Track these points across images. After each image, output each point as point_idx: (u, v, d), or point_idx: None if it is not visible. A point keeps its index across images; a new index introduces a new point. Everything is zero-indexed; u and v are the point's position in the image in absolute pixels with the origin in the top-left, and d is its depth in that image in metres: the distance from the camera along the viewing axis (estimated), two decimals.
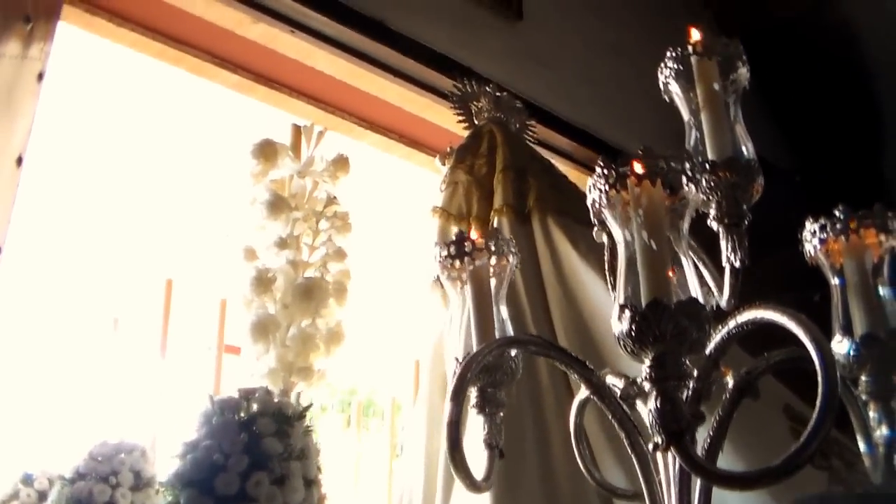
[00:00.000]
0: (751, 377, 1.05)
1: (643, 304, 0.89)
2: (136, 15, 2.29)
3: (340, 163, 1.94)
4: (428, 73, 2.80)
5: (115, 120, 3.36)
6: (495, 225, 2.08)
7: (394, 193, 3.60)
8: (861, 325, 1.12)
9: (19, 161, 1.54)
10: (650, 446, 0.93)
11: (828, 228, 1.18)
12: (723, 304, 1.07)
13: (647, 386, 0.89)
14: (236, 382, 1.69)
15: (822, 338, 0.84)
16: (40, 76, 1.57)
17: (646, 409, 0.91)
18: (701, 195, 1.00)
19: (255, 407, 1.42)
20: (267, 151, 1.88)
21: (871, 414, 1.08)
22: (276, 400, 1.46)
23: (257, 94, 2.67)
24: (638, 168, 0.94)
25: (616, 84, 3.52)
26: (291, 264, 1.79)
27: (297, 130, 1.99)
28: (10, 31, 1.33)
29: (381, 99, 2.86)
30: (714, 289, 1.11)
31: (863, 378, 1.09)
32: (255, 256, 1.82)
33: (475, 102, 2.43)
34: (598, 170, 0.97)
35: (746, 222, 1.10)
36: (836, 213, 1.18)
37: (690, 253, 0.98)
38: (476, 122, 2.43)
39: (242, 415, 1.40)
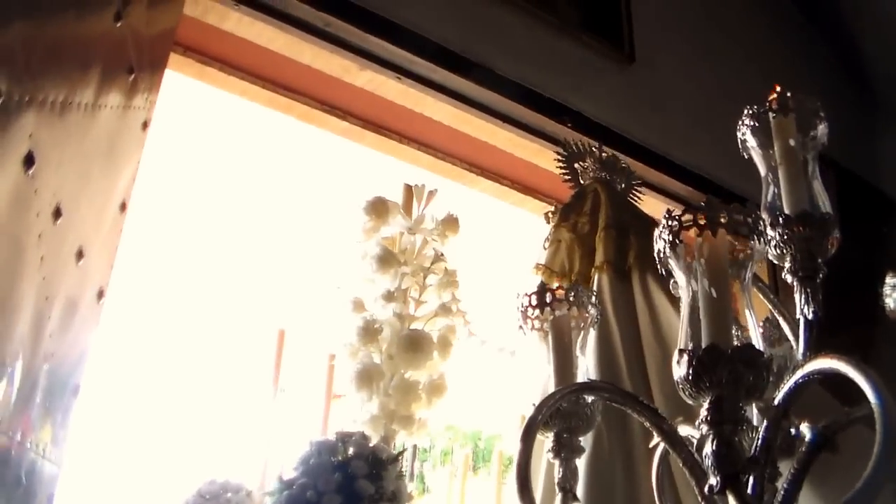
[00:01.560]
0: (828, 431, 1.05)
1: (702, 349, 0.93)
2: (246, 64, 2.38)
3: (450, 222, 2.01)
4: (538, 118, 2.78)
5: (229, 167, 3.48)
6: (596, 281, 2.10)
7: (509, 241, 3.56)
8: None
9: (123, 207, 1.58)
10: (706, 488, 0.95)
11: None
12: (798, 355, 1.09)
13: (704, 429, 0.93)
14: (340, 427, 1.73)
15: (885, 390, 0.86)
16: (145, 125, 1.62)
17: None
18: (766, 247, 1.04)
19: (350, 450, 1.49)
20: (379, 208, 1.96)
21: None
22: (371, 444, 1.52)
23: (366, 140, 2.71)
24: (700, 219, 1.00)
25: (730, 127, 3.38)
26: (398, 317, 1.86)
27: (409, 190, 2.07)
28: (112, 82, 1.37)
29: (491, 145, 2.86)
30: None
31: None
32: (363, 308, 1.89)
33: (581, 162, 2.45)
34: (663, 220, 1.03)
35: (821, 276, 1.12)
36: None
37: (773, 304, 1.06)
38: (581, 181, 2.44)
39: (339, 457, 1.48)
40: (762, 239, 1.01)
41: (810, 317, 1.10)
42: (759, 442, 1.04)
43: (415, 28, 2.46)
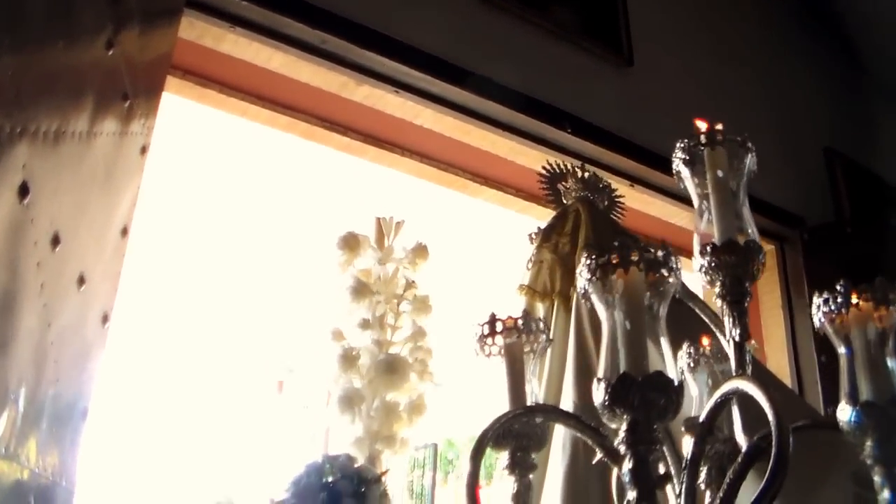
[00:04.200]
0: (763, 443, 1.11)
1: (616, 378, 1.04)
2: (245, 84, 2.41)
3: (419, 250, 2.13)
4: (538, 125, 2.80)
5: (231, 188, 3.50)
6: (575, 301, 2.10)
7: (514, 248, 3.56)
8: (865, 392, 1.17)
9: (124, 232, 1.60)
10: (626, 502, 1.03)
11: (831, 302, 1.23)
12: (734, 374, 1.18)
13: (622, 449, 1.02)
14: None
15: (782, 412, 0.96)
16: (143, 149, 1.64)
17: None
18: (676, 280, 1.12)
19: (337, 471, 1.58)
20: (351, 243, 2.09)
21: (876, 478, 1.13)
22: (355, 465, 1.61)
23: (368, 154, 2.73)
24: (614, 258, 1.09)
25: (733, 123, 3.40)
26: (375, 343, 1.98)
27: (379, 222, 2.19)
28: (107, 109, 1.38)
29: (493, 154, 2.87)
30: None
31: (867, 444, 1.14)
32: (342, 337, 2.01)
33: (563, 183, 2.46)
34: (583, 260, 1.12)
35: (748, 300, 1.21)
36: (838, 288, 1.24)
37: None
38: (564, 200, 2.45)
39: (326, 478, 1.56)
40: (674, 273, 1.11)
41: (737, 339, 1.19)
42: (689, 455, 1.16)
43: (410, 41, 2.48)
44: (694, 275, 1.41)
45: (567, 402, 1.89)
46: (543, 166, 2.48)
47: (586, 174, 2.46)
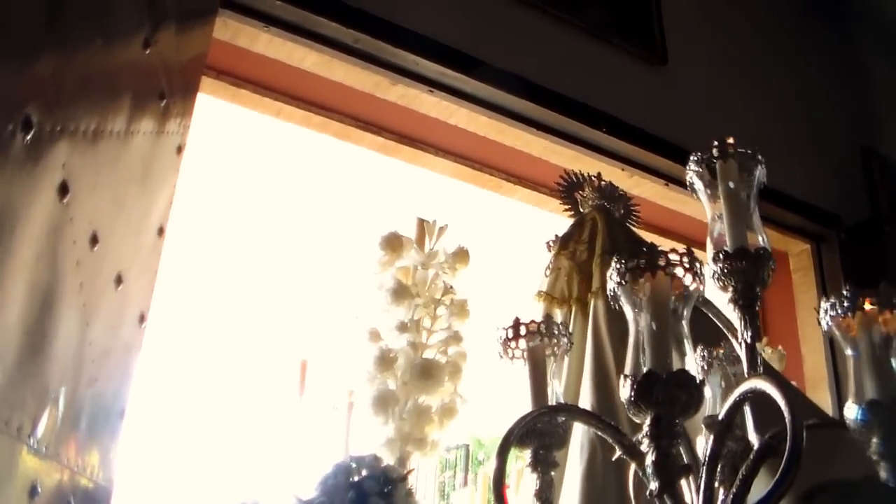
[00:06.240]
0: (773, 440, 1.16)
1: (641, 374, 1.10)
2: (279, 84, 2.41)
3: (459, 255, 2.14)
4: (572, 124, 2.77)
5: (265, 188, 3.51)
6: (592, 306, 2.14)
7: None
8: (870, 392, 1.23)
9: (161, 231, 1.60)
10: (647, 493, 1.10)
11: (837, 307, 1.29)
12: (746, 375, 1.24)
13: (645, 442, 1.08)
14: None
15: (798, 408, 1.01)
16: (179, 149, 1.64)
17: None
18: (700, 285, 1.19)
19: (364, 471, 1.60)
20: (394, 243, 2.09)
21: (882, 473, 1.18)
22: (382, 465, 1.63)
23: (402, 154, 2.72)
24: (643, 262, 1.16)
25: (767, 121, 3.36)
26: (411, 345, 2.00)
27: (422, 224, 2.18)
28: (144, 109, 1.39)
29: (527, 153, 2.85)
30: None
31: (874, 440, 1.20)
32: (379, 338, 2.02)
33: (580, 191, 2.45)
34: (614, 264, 1.19)
35: (759, 305, 1.28)
36: (844, 292, 1.30)
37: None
38: (582, 209, 2.44)
39: (353, 477, 1.59)
40: (698, 278, 1.18)
41: (749, 341, 1.26)
42: (708, 452, 1.23)
43: (444, 40, 2.47)
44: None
45: (585, 405, 1.92)
46: (561, 175, 2.48)
47: (602, 183, 2.46)
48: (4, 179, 0.83)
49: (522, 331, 1.51)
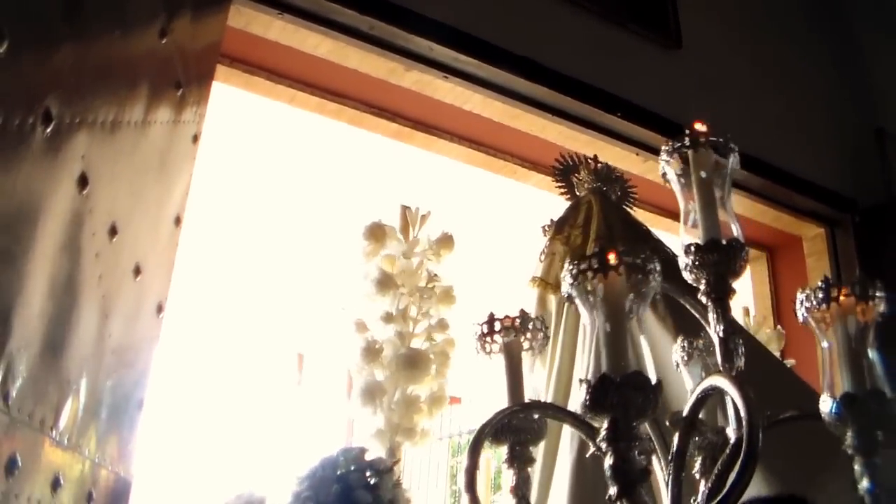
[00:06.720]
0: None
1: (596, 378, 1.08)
2: (293, 71, 2.40)
3: (444, 241, 2.12)
4: (588, 109, 2.76)
5: (278, 174, 3.50)
6: None
7: None
8: (845, 385, 1.22)
9: (178, 221, 1.60)
10: (607, 497, 1.07)
11: (812, 298, 1.27)
12: (720, 367, 1.23)
13: (603, 446, 1.06)
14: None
15: (754, 407, 1.04)
16: (195, 138, 1.63)
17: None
18: (656, 283, 1.16)
19: (350, 463, 1.62)
20: (377, 233, 2.09)
21: (856, 467, 1.18)
22: (367, 457, 1.64)
23: (416, 140, 2.71)
24: (594, 264, 1.13)
25: (782, 103, 3.34)
26: (398, 335, 2.00)
27: (405, 212, 2.19)
28: (161, 98, 1.38)
29: (542, 139, 2.84)
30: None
31: (848, 434, 1.19)
32: (365, 329, 2.03)
33: (576, 175, 2.42)
34: (566, 266, 1.16)
35: (732, 297, 1.26)
36: (820, 284, 1.27)
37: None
38: (578, 192, 2.42)
39: (340, 470, 1.60)
40: (652, 276, 1.15)
41: (721, 335, 1.23)
42: (674, 449, 1.23)
43: (458, 26, 2.45)
44: None
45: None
46: (557, 158, 2.45)
47: (599, 165, 2.43)
48: (25, 173, 0.83)
49: (497, 326, 1.49)
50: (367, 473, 1.60)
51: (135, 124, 1.20)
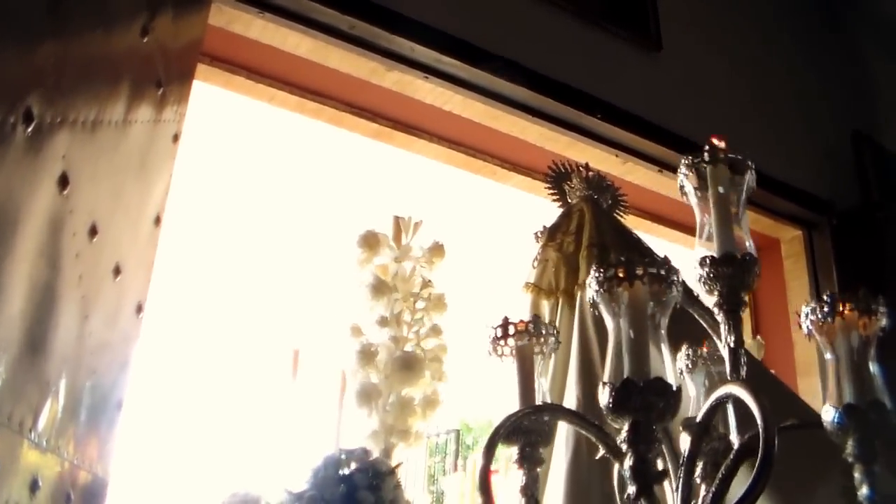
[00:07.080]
0: (752, 442, 1.16)
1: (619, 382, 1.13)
2: (273, 70, 2.39)
3: (436, 249, 2.15)
4: (568, 111, 2.77)
5: (257, 174, 3.49)
6: (579, 299, 2.15)
7: None
8: (847, 395, 1.28)
9: (157, 220, 1.58)
10: (625, 497, 1.12)
11: (817, 311, 1.33)
12: (729, 377, 1.26)
13: (624, 447, 1.11)
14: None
15: (770, 414, 1.06)
16: (175, 137, 1.62)
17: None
18: (677, 293, 1.20)
19: (353, 464, 1.64)
20: (370, 241, 2.11)
21: (856, 475, 1.24)
22: (371, 458, 1.68)
23: (396, 141, 2.71)
24: (620, 273, 1.18)
25: (759, 107, 3.37)
26: (392, 339, 2.03)
27: (398, 221, 2.20)
28: (142, 97, 1.37)
29: (522, 140, 2.85)
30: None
31: (849, 443, 1.25)
32: (360, 333, 2.05)
33: (568, 182, 2.44)
34: (592, 273, 1.21)
35: (744, 308, 1.30)
36: (825, 297, 1.33)
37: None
38: (569, 200, 2.43)
39: (343, 470, 1.62)
40: (675, 287, 1.19)
41: (732, 345, 1.27)
42: (686, 454, 1.29)
43: (439, 26, 2.45)
44: None
45: (570, 397, 1.94)
46: (549, 166, 2.46)
47: (590, 173, 2.45)
48: (6, 173, 0.82)
49: (511, 330, 1.53)
50: (371, 474, 1.63)
51: (115, 123, 1.19)
